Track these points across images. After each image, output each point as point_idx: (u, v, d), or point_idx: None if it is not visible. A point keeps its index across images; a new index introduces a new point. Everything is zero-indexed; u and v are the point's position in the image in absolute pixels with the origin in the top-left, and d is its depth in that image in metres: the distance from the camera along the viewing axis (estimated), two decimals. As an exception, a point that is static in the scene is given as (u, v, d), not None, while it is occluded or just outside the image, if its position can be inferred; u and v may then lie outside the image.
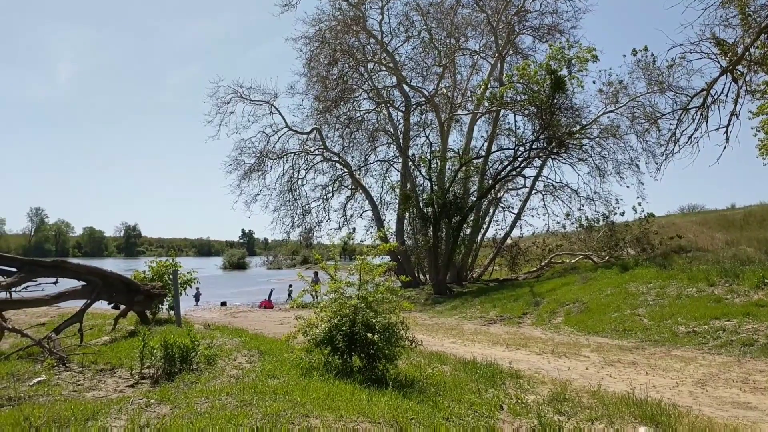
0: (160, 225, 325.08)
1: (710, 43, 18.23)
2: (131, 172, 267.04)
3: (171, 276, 15.68)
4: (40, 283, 11.70)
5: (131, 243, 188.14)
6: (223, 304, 31.15)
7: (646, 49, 24.88)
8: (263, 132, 34.28)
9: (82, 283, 12.61)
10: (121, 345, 10.95)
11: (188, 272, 17.89)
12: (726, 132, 18.86)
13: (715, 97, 18.90)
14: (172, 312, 15.70)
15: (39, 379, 8.10)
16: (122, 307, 14.03)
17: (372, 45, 33.73)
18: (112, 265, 71.38)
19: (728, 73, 18.23)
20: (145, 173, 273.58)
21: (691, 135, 19.67)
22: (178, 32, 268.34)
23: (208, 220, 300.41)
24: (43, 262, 12.40)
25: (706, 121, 19.39)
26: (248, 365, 9.23)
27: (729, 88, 18.65)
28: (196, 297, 32.16)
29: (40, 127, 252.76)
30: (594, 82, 32.40)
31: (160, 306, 16.17)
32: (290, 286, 36.81)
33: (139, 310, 14.40)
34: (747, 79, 19.17)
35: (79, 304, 12.63)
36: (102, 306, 14.77)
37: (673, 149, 20.84)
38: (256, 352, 10.37)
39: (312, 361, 8.77)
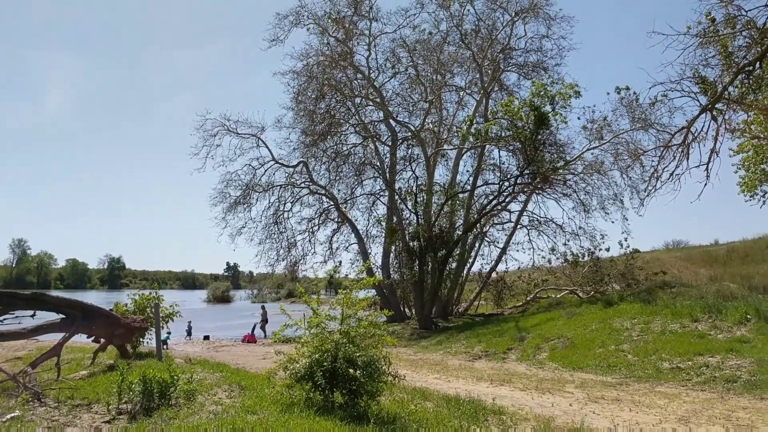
0: (144, 257, 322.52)
1: (690, 81, 18.58)
2: (117, 203, 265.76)
3: (153, 309, 15.54)
4: (17, 316, 11.54)
5: (115, 275, 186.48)
6: (206, 338, 30.74)
7: (627, 88, 25.28)
8: (249, 165, 34.19)
9: (61, 316, 12.45)
10: (100, 379, 10.78)
11: (171, 305, 17.75)
12: (707, 169, 19.10)
13: (696, 134, 19.18)
14: (164, 345, 15.51)
15: (12, 414, 7.93)
16: (102, 340, 13.85)
17: (359, 80, 34.08)
18: (94, 297, 70.62)
19: (708, 112, 18.55)
20: (131, 204, 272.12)
21: (673, 171, 19.89)
22: (167, 62, 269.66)
23: (193, 252, 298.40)
24: (22, 294, 12.26)
25: (687, 158, 19.64)
26: (228, 401, 9.11)
27: (709, 126, 18.96)
28: (189, 331, 31.81)
29: (25, 156, 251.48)
30: (578, 119, 32.87)
31: (141, 339, 15.99)
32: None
33: (119, 343, 14.21)
34: (726, 117, 19.51)
35: (58, 337, 12.45)
36: (82, 339, 14.56)
37: (655, 185, 21.04)
38: (237, 387, 10.25)
39: (293, 396, 8.67)
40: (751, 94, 18.42)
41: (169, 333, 22.38)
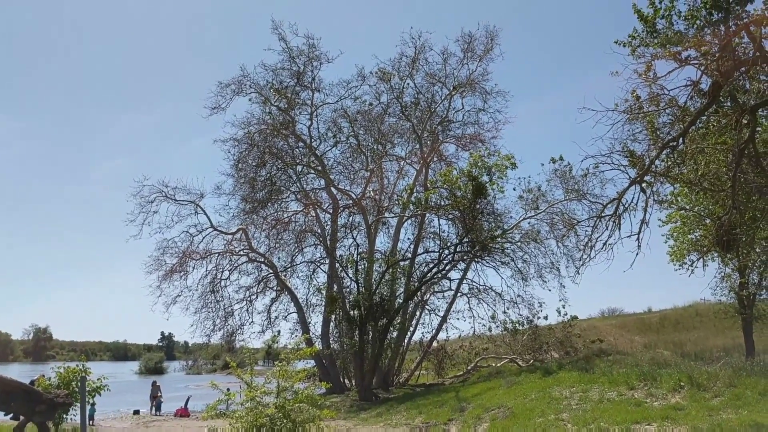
0: (73, 327, 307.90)
1: (620, 155, 19.35)
2: (45, 270, 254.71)
3: (79, 383, 14.82)
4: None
5: (41, 347, 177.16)
6: (136, 412, 29.42)
7: (561, 158, 26.21)
8: (187, 232, 33.50)
9: (-23, 392, 11.69)
10: (15, 461, 10.06)
11: (99, 378, 16.98)
12: (638, 239, 19.67)
13: (626, 205, 19.83)
14: (90, 420, 14.64)
15: None
16: (21, 417, 13.04)
17: (301, 148, 34.34)
18: (17, 371, 66.84)
19: (637, 184, 19.29)
20: (59, 271, 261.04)
21: (606, 241, 20.39)
22: (105, 125, 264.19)
23: (125, 322, 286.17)
24: (-66, 369, 11.48)
25: (619, 229, 20.19)
26: (155, 482, 8.62)
27: (638, 197, 19.66)
28: (158, 406, 30.75)
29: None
30: (514, 189, 33.51)
31: (64, 416, 15.15)
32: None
33: (40, 421, 13.36)
34: (654, 189, 20.33)
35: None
36: (-2, 417, 13.68)
37: (590, 254, 21.49)
38: (166, 466, 9.73)
39: (225, 475, 8.27)
40: (676, 167, 19.33)
41: (93, 405, 21.19)
